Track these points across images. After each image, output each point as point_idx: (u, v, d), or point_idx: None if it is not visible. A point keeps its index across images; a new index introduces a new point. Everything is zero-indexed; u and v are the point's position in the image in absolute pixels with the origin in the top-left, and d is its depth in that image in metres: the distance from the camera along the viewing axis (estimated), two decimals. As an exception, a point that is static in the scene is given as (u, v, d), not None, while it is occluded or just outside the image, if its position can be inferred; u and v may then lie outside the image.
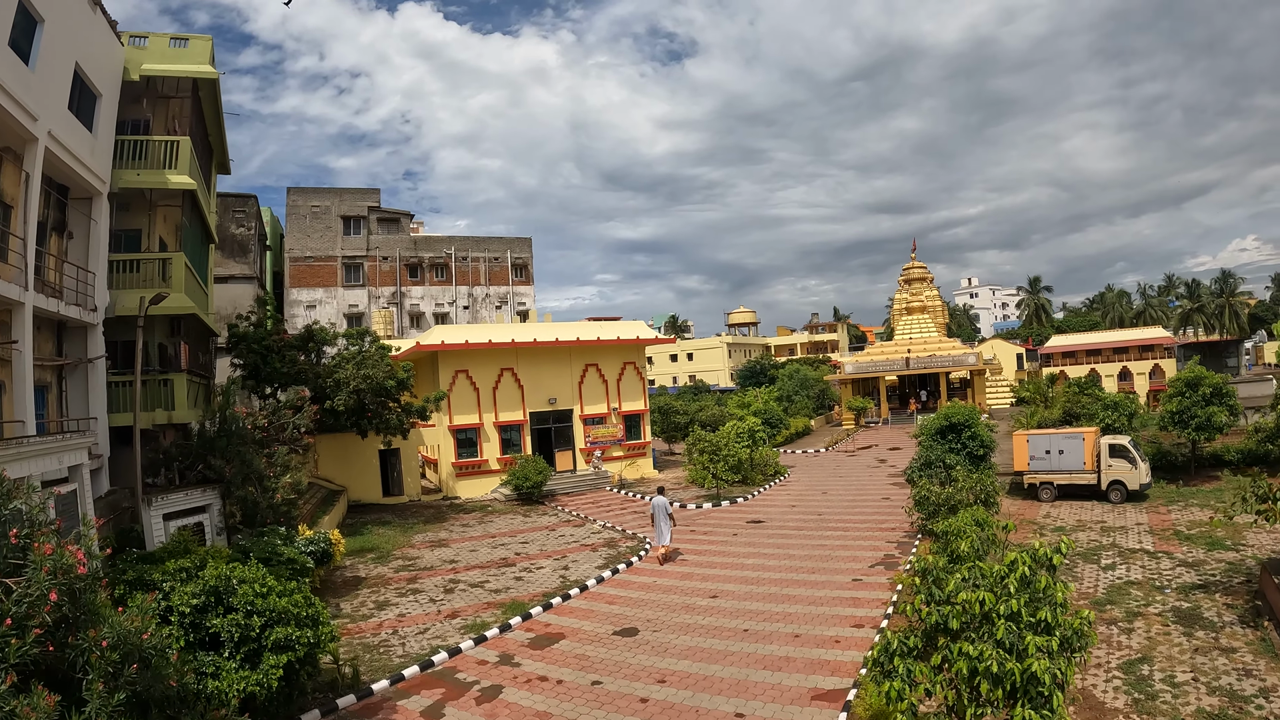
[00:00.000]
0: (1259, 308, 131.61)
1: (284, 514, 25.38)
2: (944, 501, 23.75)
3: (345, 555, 29.78)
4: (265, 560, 21.26)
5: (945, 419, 37.59)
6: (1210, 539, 28.92)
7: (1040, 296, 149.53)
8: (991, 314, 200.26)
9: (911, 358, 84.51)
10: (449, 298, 74.58)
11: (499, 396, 47.57)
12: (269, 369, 36.25)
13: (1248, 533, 29.29)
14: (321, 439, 40.61)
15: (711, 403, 71.49)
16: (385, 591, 25.98)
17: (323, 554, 24.86)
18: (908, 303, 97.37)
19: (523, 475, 42.72)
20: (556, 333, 50.99)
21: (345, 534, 33.40)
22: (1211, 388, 39.61)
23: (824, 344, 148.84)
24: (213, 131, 35.19)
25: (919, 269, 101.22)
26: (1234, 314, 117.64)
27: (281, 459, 26.85)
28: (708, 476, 42.18)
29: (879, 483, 46.05)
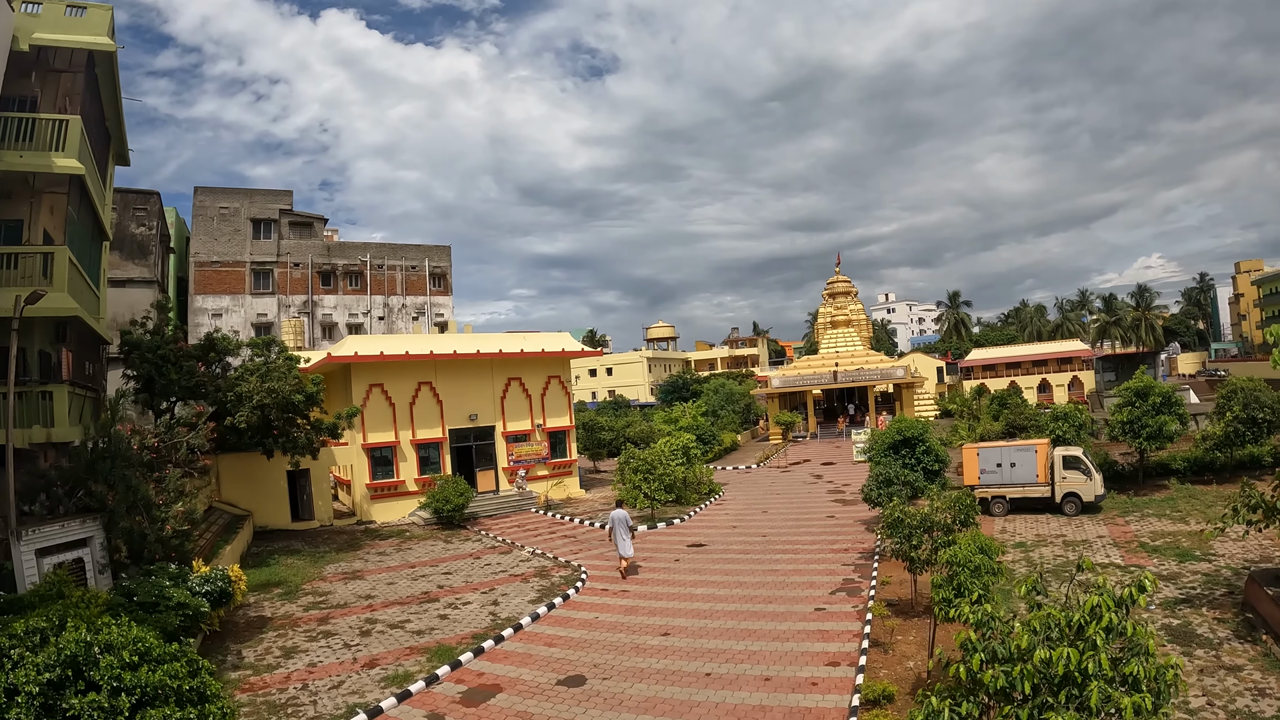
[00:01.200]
0: (1171, 321, 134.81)
1: (175, 548, 22.23)
2: (920, 524, 21.70)
3: (250, 590, 26.55)
4: (151, 606, 18.19)
5: (898, 433, 35.67)
6: (1179, 550, 28.37)
7: (960, 311, 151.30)
8: (908, 329, 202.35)
9: (839, 371, 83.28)
10: (364, 308, 70.93)
11: (416, 412, 44.46)
12: (164, 381, 32.59)
13: (1214, 542, 28.42)
14: (223, 459, 37.15)
15: (638, 418, 69.07)
16: (294, 635, 22.79)
17: (221, 593, 21.64)
18: (833, 316, 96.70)
19: (443, 497, 39.68)
20: (477, 344, 48.01)
21: (250, 565, 30.42)
22: (1161, 396, 39.42)
23: (745, 358, 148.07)
24: (110, 116, 31.56)
25: (843, 283, 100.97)
26: (1150, 327, 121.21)
27: (173, 484, 23.70)
28: (639, 496, 39.63)
29: (820, 500, 44.12)
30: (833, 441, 76.54)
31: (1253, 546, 27.79)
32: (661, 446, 43.45)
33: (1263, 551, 27.26)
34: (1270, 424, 39.71)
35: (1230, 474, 40.26)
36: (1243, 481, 22.45)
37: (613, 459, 63.97)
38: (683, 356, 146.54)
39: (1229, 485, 38.74)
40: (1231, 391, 41.25)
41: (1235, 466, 40.42)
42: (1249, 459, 40.26)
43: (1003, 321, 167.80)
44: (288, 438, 34.43)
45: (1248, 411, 39.32)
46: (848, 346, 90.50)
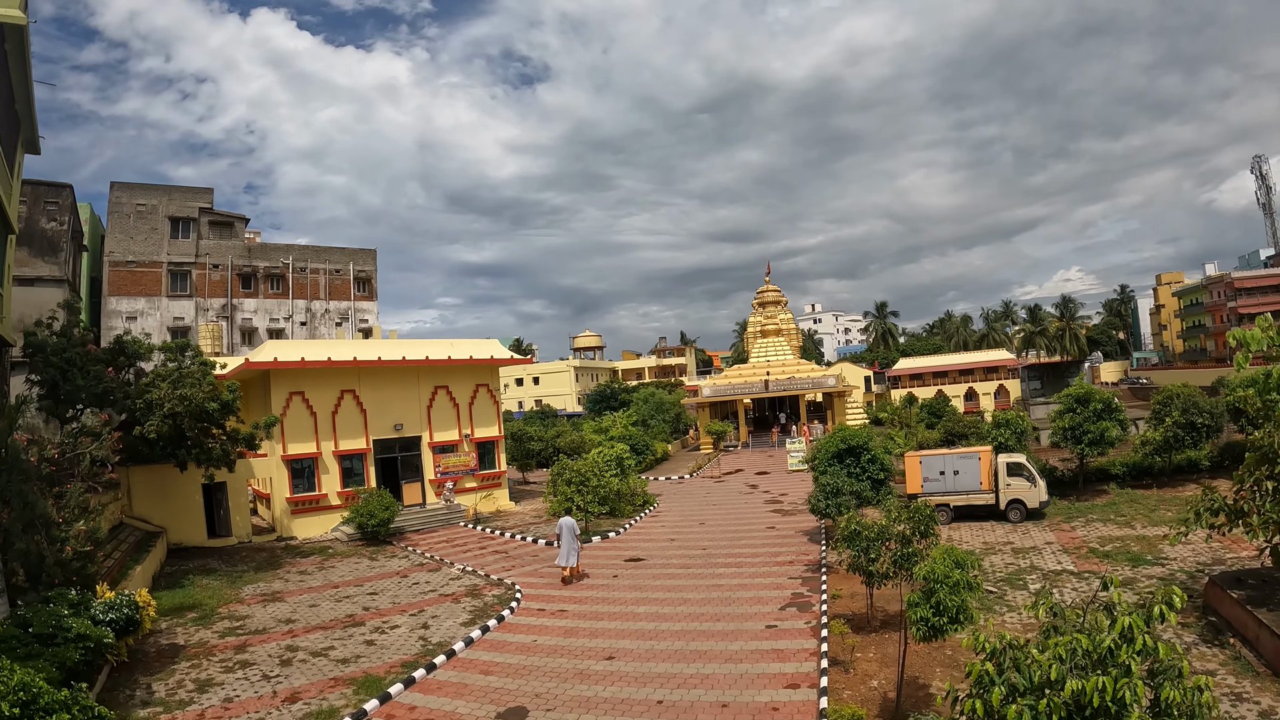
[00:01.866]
0: (1093, 331, 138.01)
1: (77, 571, 20.35)
2: (878, 535, 20.85)
3: (162, 614, 24.65)
4: (48, 639, 16.43)
5: (842, 442, 34.83)
6: (1131, 555, 28.45)
7: (887, 321, 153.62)
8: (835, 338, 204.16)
9: (770, 380, 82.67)
10: (285, 312, 68.44)
11: (339, 422, 42.56)
12: (70, 386, 30.29)
13: (1165, 546, 28.70)
14: (135, 471, 34.90)
15: (568, 428, 67.66)
16: (208, 666, 20.94)
17: (128, 621, 19.81)
18: (762, 326, 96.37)
19: (367, 512, 37.88)
20: (403, 351, 46.22)
21: (163, 586, 28.53)
22: (1102, 403, 39.67)
23: (672, 368, 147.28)
24: (20, 99, 29.20)
25: (773, 292, 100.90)
26: (1074, 337, 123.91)
27: (75, 500, 21.82)
28: (573, 509, 38.32)
29: (758, 511, 43.22)
30: (765, 451, 75.87)
31: (1203, 550, 28.02)
32: (595, 457, 42.21)
33: (1213, 554, 27.54)
34: (1209, 428, 40.45)
35: (1169, 478, 41.04)
36: (1204, 485, 22.42)
37: (542, 470, 62.54)
38: (610, 366, 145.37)
39: (1169, 489, 39.46)
40: (1168, 398, 42.00)
41: (1173, 471, 41.32)
42: (1186, 463, 41.12)
43: (928, 331, 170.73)
44: (201, 449, 32.38)
45: (1186, 417, 40.11)
46: (778, 356, 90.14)
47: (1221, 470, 40.31)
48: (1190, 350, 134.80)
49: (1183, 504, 35.15)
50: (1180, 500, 36.55)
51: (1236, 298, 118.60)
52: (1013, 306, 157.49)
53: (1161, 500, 37.57)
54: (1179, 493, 38.64)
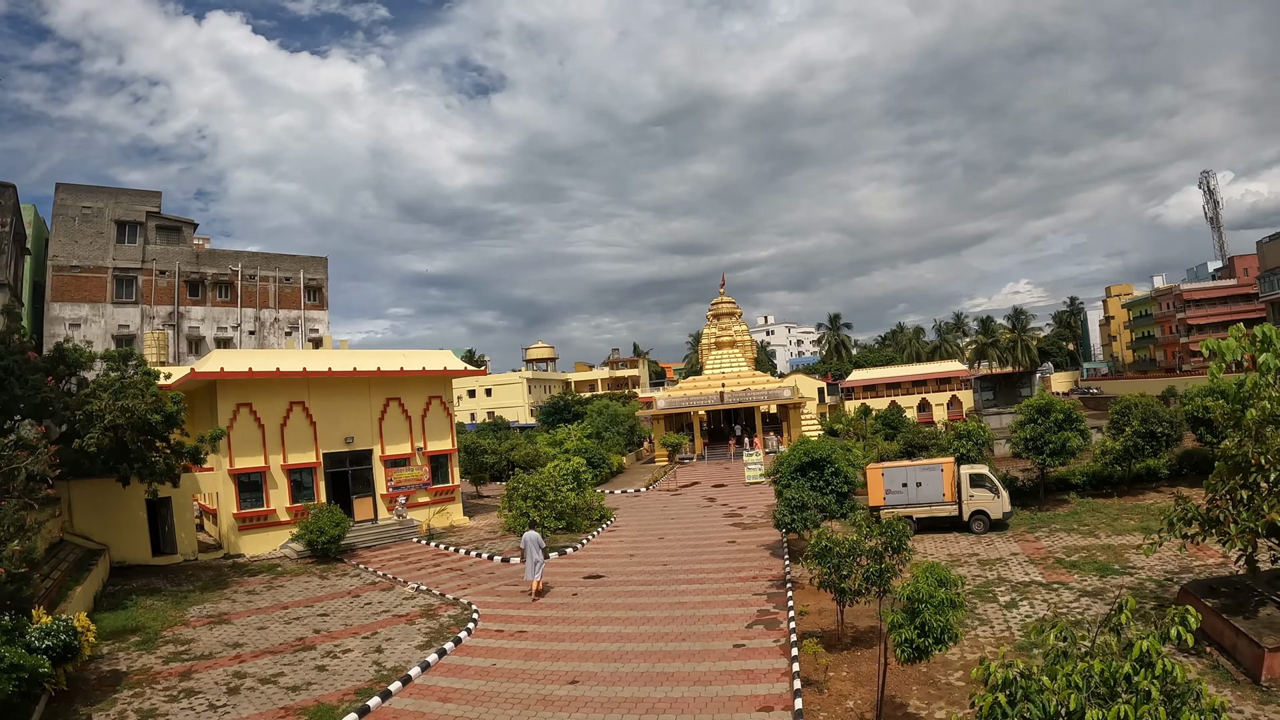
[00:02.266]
0: (1044, 342, 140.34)
1: (11, 594, 19.24)
2: (849, 552, 20.37)
3: (104, 638, 23.57)
4: (-25, 668, 15.45)
5: (805, 455, 34.35)
6: (1098, 564, 28.50)
7: (840, 333, 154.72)
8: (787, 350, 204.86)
9: (726, 392, 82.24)
10: (233, 320, 66.82)
11: (288, 435, 41.29)
12: (6, 396, 28.96)
13: (1129, 554, 29.18)
14: (76, 486, 33.61)
15: (522, 441, 66.77)
16: (151, 694, 19.80)
17: (65, 648, 18.73)
18: (717, 337, 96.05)
19: (317, 528, 36.70)
20: (354, 362, 45.10)
21: (105, 607, 27.38)
22: (1063, 413, 39.89)
23: (625, 380, 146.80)
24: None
25: (728, 304, 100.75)
26: (1025, 348, 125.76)
27: (9, 518, 20.69)
28: (527, 524, 37.58)
29: (718, 525, 42.64)
30: (721, 463, 75.46)
31: (1169, 558, 27.94)
32: (551, 471, 41.50)
33: (1180, 563, 27.49)
34: (1168, 437, 40.76)
35: (1128, 487, 41.58)
36: (1176, 495, 22.38)
37: (496, 483, 61.67)
38: (563, 377, 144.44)
39: (1129, 498, 39.90)
40: (1127, 407, 42.42)
41: (1133, 480, 41.87)
42: (1146, 472, 41.79)
43: (880, 343, 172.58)
44: (144, 462, 31.12)
45: (1147, 426, 40.70)
46: (733, 367, 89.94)
47: (1180, 478, 41.32)
48: (1140, 360, 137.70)
49: (1145, 513, 35.84)
50: (1142, 509, 37.08)
51: (1185, 309, 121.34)
52: (964, 318, 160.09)
53: (1123, 509, 37.80)
54: (1140, 501, 39.10)
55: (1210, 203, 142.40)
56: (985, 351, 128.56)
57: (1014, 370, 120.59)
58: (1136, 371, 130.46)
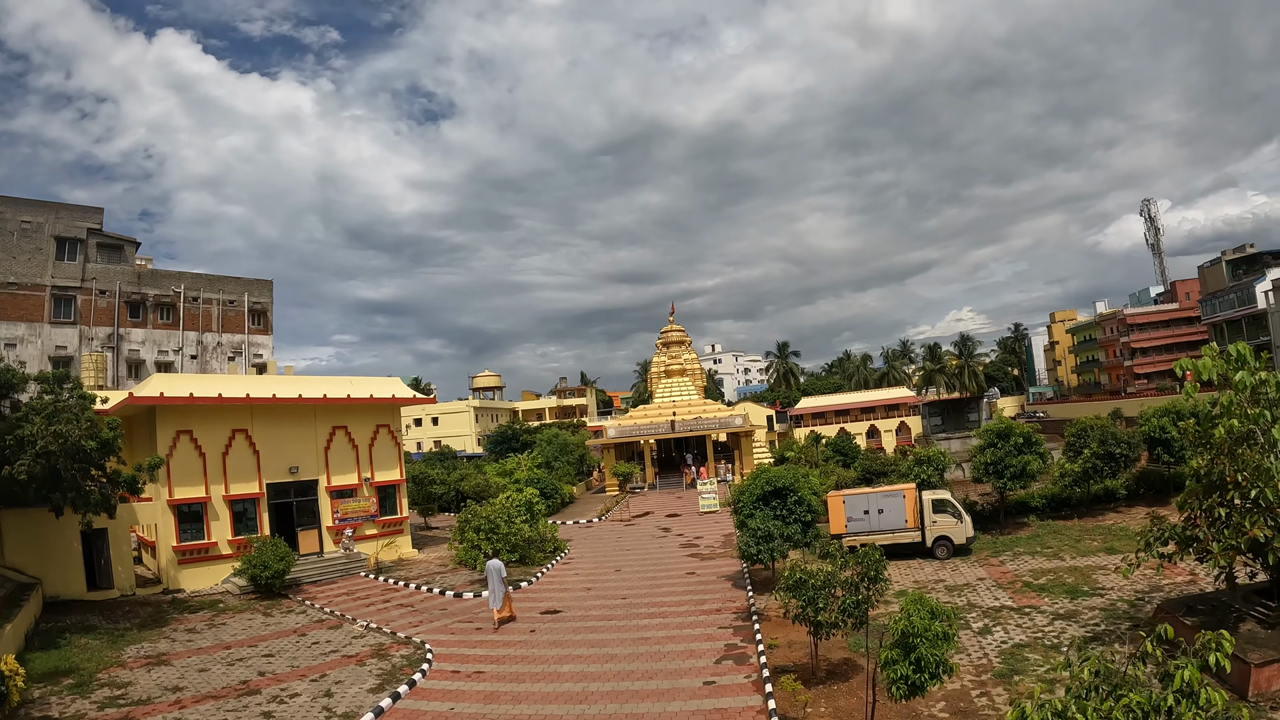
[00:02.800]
0: (990, 368, 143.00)
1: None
2: (825, 584, 19.74)
3: (35, 680, 22.04)
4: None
5: (768, 484, 33.78)
6: (1067, 587, 28.43)
7: (789, 361, 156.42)
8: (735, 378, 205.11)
9: (677, 420, 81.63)
10: (175, 344, 64.62)
11: (230, 464, 39.69)
12: (-71, 422, 27.47)
13: (1097, 575, 29.36)
14: (6, 516, 31.83)
15: (472, 471, 65.48)
16: (82, 745, 18.61)
17: (-12, 694, 17.37)
18: (667, 366, 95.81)
19: (261, 562, 35.09)
20: (300, 388, 43.68)
21: (38, 646, 25.89)
22: (1022, 437, 40.36)
23: (573, 408, 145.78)
24: None
25: (677, 332, 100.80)
26: (973, 374, 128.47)
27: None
28: (479, 557, 36.43)
29: (675, 556, 41.81)
30: (673, 492, 74.67)
31: (1137, 577, 27.17)
32: (503, 503, 40.40)
33: (1149, 582, 27.22)
34: (1126, 458, 41.63)
35: (1087, 508, 41.64)
36: (1152, 515, 22.04)
37: (445, 514, 60.34)
38: (510, 406, 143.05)
39: (1089, 519, 40.12)
40: (1083, 430, 42.95)
41: (1091, 501, 42.01)
42: (1104, 493, 42.08)
43: (827, 371, 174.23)
44: (79, 492, 29.38)
45: (1105, 447, 40.94)
46: (684, 395, 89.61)
47: (1138, 498, 41.98)
48: (1085, 384, 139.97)
49: (1106, 533, 36.34)
50: (1103, 530, 37.38)
51: (1129, 333, 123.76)
52: (910, 345, 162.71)
53: (1084, 530, 37.90)
54: (1100, 522, 39.29)
55: (1151, 229, 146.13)
56: (933, 378, 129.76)
57: (961, 396, 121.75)
58: (1081, 395, 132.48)
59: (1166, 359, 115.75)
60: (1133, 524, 37.06)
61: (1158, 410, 43.68)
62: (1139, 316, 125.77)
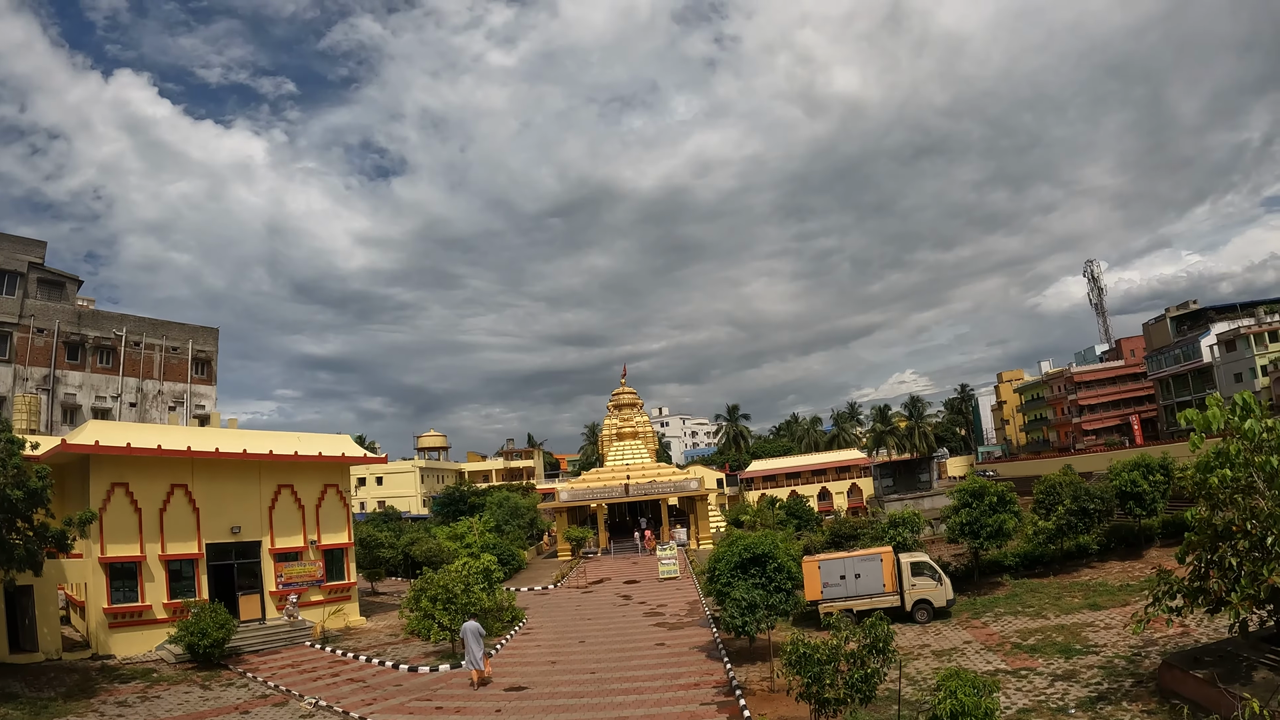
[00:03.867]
0: (938, 429, 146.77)
1: None
2: (830, 657, 18.15)
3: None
4: None
5: (746, 551, 31.99)
6: (1058, 646, 27.67)
7: (739, 424, 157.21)
8: (682, 441, 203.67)
9: (631, 484, 79.83)
10: (114, 390, 61.46)
11: (168, 521, 36.99)
12: None
13: (1086, 633, 28.70)
14: (-79, 573, 29.07)
15: (422, 534, 62.87)
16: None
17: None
18: (619, 428, 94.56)
19: (199, 629, 32.21)
20: (244, 443, 41.08)
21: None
22: (996, 496, 40.14)
23: (520, 470, 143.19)
24: None
25: (629, 394, 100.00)
26: (923, 435, 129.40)
27: None
28: (433, 627, 33.95)
29: (641, 625, 39.81)
30: (628, 558, 72.53)
31: (1125, 632, 27.18)
32: (460, 569, 38.02)
33: (1142, 637, 25.99)
34: (1100, 513, 41.30)
35: (1060, 565, 41.07)
36: (1157, 569, 21.45)
37: (393, 578, 57.71)
38: (456, 467, 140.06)
39: (1064, 576, 39.49)
40: (1052, 486, 42.55)
41: (1064, 557, 41.55)
42: (1075, 549, 41.42)
43: (774, 434, 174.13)
44: (2, 545, 26.72)
45: (1079, 503, 40.69)
46: (637, 458, 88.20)
47: (1110, 553, 41.62)
48: (1033, 442, 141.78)
49: (1085, 589, 36.03)
50: (1081, 586, 36.94)
51: (1076, 390, 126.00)
52: (858, 407, 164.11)
53: (1062, 588, 37.32)
54: (1076, 579, 38.73)
55: (1095, 289, 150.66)
56: (883, 439, 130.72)
57: (912, 456, 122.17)
58: (1030, 453, 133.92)
59: (1114, 415, 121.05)
60: (1110, 579, 37.09)
61: (1127, 464, 43.54)
62: (1086, 374, 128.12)
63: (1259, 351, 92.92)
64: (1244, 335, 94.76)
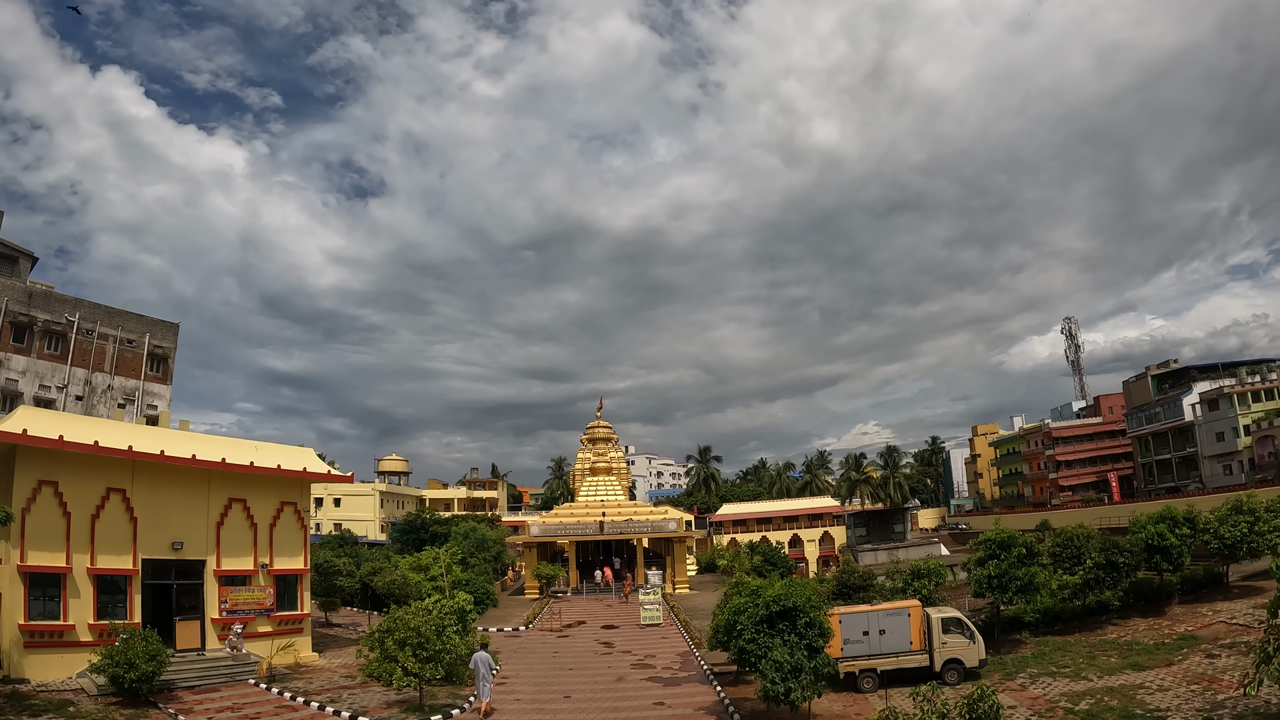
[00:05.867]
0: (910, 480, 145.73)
1: None
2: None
3: None
4: None
5: (775, 603, 27.49)
6: (1120, 712, 24.72)
7: (710, 465, 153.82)
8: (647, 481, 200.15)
9: (606, 521, 75.45)
10: (60, 380, 56.51)
11: (101, 530, 32.32)
12: None
13: (1139, 694, 26.09)
14: None
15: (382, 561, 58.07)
16: None
17: None
18: (593, 463, 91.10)
19: (125, 659, 27.43)
20: (194, 448, 36.35)
21: None
22: (1024, 548, 37.72)
23: (483, 500, 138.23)
24: None
25: (604, 429, 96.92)
26: (899, 485, 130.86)
27: None
28: (396, 671, 29.11)
29: (631, 680, 35.38)
30: (601, 599, 68.25)
31: (1184, 693, 25.31)
32: (431, 608, 33.47)
33: (1203, 698, 24.56)
34: (1129, 567, 38.26)
35: (1080, 622, 38.60)
36: (1269, 626, 19.60)
37: (349, 609, 52.88)
38: (418, 493, 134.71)
39: (1089, 634, 36.75)
40: (1070, 538, 40.06)
41: (1083, 614, 39.15)
42: (1096, 605, 39.14)
43: (741, 478, 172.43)
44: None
45: (1107, 556, 37.83)
46: (612, 495, 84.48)
47: (1131, 610, 38.87)
48: (1007, 496, 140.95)
49: (1120, 649, 32.97)
50: (1111, 644, 34.02)
51: (1054, 445, 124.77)
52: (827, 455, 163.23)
53: (1092, 646, 34.19)
54: (1102, 636, 35.87)
55: (1072, 346, 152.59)
56: (857, 488, 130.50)
57: (885, 506, 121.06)
58: (1004, 507, 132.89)
59: (1091, 471, 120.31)
60: (1140, 637, 34.35)
61: (1152, 516, 40.62)
62: (1064, 430, 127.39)
63: (1242, 411, 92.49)
64: (1227, 395, 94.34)
